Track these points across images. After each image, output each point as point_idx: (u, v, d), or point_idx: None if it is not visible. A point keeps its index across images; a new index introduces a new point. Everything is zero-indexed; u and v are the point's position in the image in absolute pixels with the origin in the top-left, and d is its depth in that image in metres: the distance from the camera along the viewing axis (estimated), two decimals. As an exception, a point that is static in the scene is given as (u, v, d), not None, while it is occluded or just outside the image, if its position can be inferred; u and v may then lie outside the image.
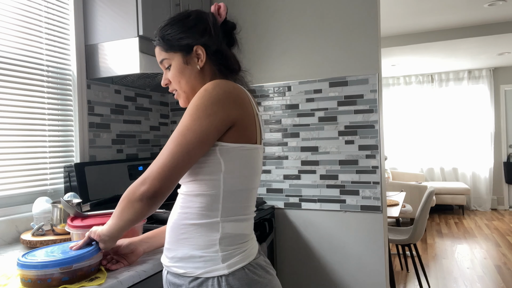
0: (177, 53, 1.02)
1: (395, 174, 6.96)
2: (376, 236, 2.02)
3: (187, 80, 1.03)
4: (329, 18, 2.11)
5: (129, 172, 1.94)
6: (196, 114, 0.88)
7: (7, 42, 1.53)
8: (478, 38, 4.90)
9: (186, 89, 1.04)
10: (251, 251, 0.96)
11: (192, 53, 1.01)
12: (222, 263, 0.91)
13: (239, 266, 0.92)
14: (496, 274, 3.70)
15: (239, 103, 0.93)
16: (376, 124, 2.02)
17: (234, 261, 0.92)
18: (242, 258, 0.93)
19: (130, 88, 2.15)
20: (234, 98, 0.92)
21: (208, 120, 0.88)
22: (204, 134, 0.88)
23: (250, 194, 0.99)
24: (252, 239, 1.00)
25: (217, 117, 0.89)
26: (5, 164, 1.52)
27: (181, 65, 1.02)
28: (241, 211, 0.96)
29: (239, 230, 0.95)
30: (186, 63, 1.02)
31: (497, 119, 7.00)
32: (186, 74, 1.02)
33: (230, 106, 0.91)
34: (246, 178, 0.96)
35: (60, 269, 0.97)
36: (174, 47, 1.02)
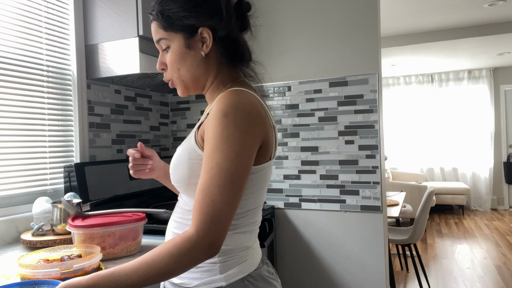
0: (178, 33, 0.86)
1: (395, 174, 6.96)
2: (376, 236, 2.02)
3: (188, 68, 0.88)
4: (329, 18, 2.11)
5: (129, 172, 1.94)
6: (233, 153, 0.75)
7: (7, 42, 1.53)
8: (478, 38, 4.90)
9: (185, 79, 0.89)
10: (252, 261, 0.89)
11: (196, 35, 0.86)
12: (220, 274, 0.85)
13: (238, 277, 0.85)
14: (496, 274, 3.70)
15: (262, 122, 0.81)
16: (376, 124, 2.02)
17: (232, 272, 0.85)
18: (241, 269, 0.86)
19: (130, 88, 2.15)
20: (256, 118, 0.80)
21: (247, 155, 0.77)
22: (248, 172, 0.77)
23: (258, 209, 0.91)
24: (254, 249, 0.91)
25: (251, 147, 0.78)
26: (5, 164, 1.52)
27: (182, 49, 0.87)
28: (245, 225, 0.88)
29: (240, 242, 0.87)
30: (188, 47, 0.87)
31: (497, 119, 7.00)
32: (187, 61, 0.87)
33: (257, 129, 0.79)
34: (257, 197, 0.88)
35: (60, 269, 0.97)
36: (175, 26, 0.86)
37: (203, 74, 0.89)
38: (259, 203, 0.91)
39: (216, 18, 0.85)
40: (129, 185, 1.91)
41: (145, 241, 1.46)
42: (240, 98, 0.79)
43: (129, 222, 1.27)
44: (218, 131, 0.76)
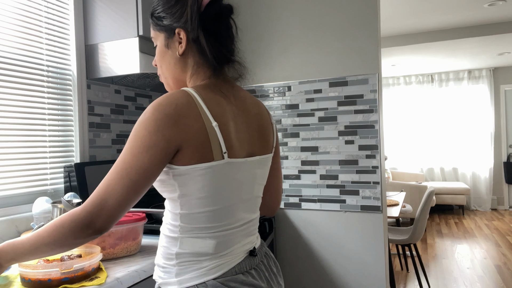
0: (161, 33, 0.93)
1: (395, 174, 6.96)
2: (376, 236, 2.02)
3: (167, 67, 0.94)
4: (329, 18, 2.11)
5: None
6: (136, 148, 0.78)
7: (7, 42, 1.53)
8: (478, 38, 4.90)
9: (167, 76, 0.96)
10: (214, 269, 0.86)
11: (174, 36, 0.91)
12: (175, 278, 0.86)
13: (191, 283, 0.84)
14: (496, 274, 3.70)
15: (181, 125, 0.80)
16: (376, 124, 2.02)
17: (187, 277, 0.85)
18: (197, 275, 0.85)
19: (130, 88, 2.15)
20: (175, 120, 0.80)
21: (149, 155, 0.78)
22: (148, 171, 0.78)
23: (221, 212, 0.87)
24: (222, 256, 0.87)
25: (157, 149, 0.78)
26: (5, 164, 1.52)
27: (162, 48, 0.94)
28: (201, 230, 0.86)
29: (196, 247, 0.86)
30: (167, 47, 0.93)
31: (497, 119, 7.01)
32: (166, 59, 0.94)
33: (170, 131, 0.79)
34: (209, 199, 0.85)
35: (60, 269, 0.97)
36: (159, 26, 0.93)
37: (180, 73, 0.94)
38: (216, 206, 0.86)
39: (183, 19, 0.89)
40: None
41: (145, 241, 1.46)
42: (167, 99, 0.81)
43: (129, 222, 1.27)
44: (135, 126, 0.82)
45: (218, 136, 0.83)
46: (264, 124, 0.99)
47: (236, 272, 0.87)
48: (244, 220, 0.93)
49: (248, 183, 0.92)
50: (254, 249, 0.95)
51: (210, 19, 0.90)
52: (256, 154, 0.94)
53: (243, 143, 0.90)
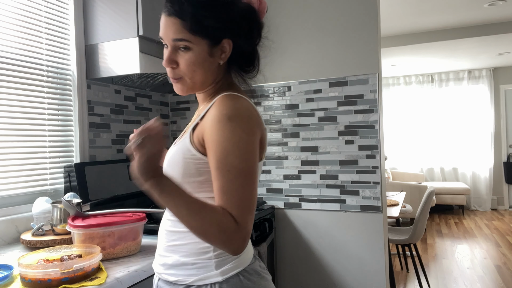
0: (204, 40, 0.86)
1: (395, 174, 6.96)
2: (376, 236, 2.02)
3: (203, 72, 0.89)
4: (329, 18, 2.11)
5: (129, 172, 1.94)
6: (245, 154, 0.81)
7: (7, 42, 1.53)
8: (478, 38, 4.90)
9: (197, 80, 0.90)
10: (246, 256, 0.92)
11: (219, 45, 0.88)
12: (216, 270, 0.87)
13: (233, 272, 0.88)
14: (496, 274, 3.70)
15: (260, 124, 0.88)
16: (376, 124, 2.02)
17: (227, 267, 0.88)
18: (236, 264, 0.89)
19: (130, 88, 2.15)
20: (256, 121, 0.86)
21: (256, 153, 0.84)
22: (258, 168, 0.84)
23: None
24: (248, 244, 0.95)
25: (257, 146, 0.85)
26: (5, 164, 1.52)
27: (204, 55, 0.87)
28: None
29: None
30: (210, 55, 0.88)
31: (497, 119, 7.00)
32: (205, 66, 0.88)
33: (258, 130, 0.86)
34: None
35: (60, 269, 0.97)
36: (205, 33, 0.85)
37: (213, 78, 0.92)
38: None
39: (243, 35, 0.89)
40: (129, 185, 1.91)
41: (145, 241, 1.46)
42: (239, 102, 0.85)
43: (129, 222, 1.27)
44: (226, 135, 0.80)
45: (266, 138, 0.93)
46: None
47: (254, 258, 0.95)
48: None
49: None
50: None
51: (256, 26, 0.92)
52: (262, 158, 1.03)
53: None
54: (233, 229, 0.77)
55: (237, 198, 0.79)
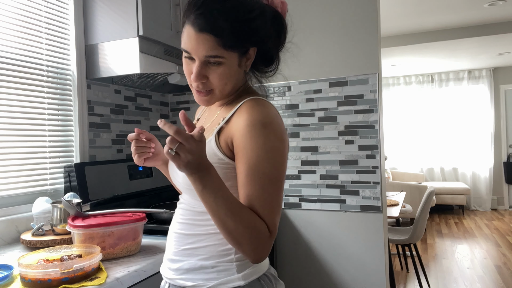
0: (234, 52, 0.84)
1: (395, 174, 6.96)
2: (376, 236, 2.02)
3: (234, 84, 0.89)
4: (329, 18, 2.11)
5: (129, 172, 1.94)
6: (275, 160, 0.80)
7: (7, 42, 1.53)
8: (478, 38, 4.90)
9: (226, 91, 0.88)
10: (265, 261, 0.91)
11: (247, 54, 0.87)
12: (238, 274, 0.84)
13: (255, 277, 0.86)
14: (496, 274, 3.70)
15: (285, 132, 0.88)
16: (376, 124, 2.02)
17: (249, 271, 0.85)
18: (256, 269, 0.87)
19: (130, 88, 2.15)
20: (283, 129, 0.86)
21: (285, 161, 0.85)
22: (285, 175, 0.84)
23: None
24: None
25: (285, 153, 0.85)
26: (5, 164, 1.52)
27: (235, 68, 0.86)
28: None
29: None
30: (239, 66, 0.87)
31: (497, 119, 7.00)
32: (235, 77, 0.88)
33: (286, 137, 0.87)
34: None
35: (60, 269, 0.97)
36: (238, 47, 0.84)
37: (237, 84, 0.91)
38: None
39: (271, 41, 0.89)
40: (129, 185, 1.91)
41: (145, 241, 1.46)
42: (269, 108, 0.85)
43: (129, 222, 1.27)
44: (260, 142, 0.79)
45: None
46: None
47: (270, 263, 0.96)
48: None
49: None
50: None
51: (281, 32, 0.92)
52: None
53: None
54: (267, 235, 0.77)
55: (268, 206, 0.79)
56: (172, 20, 1.89)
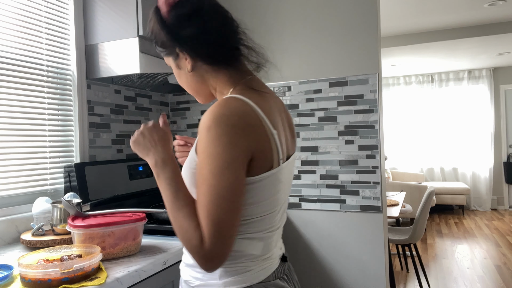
0: (168, 57, 0.92)
1: (395, 174, 6.96)
2: (376, 236, 2.02)
3: (186, 85, 0.94)
4: (329, 18, 2.11)
5: (129, 172, 1.94)
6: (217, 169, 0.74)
7: (7, 42, 1.53)
8: (478, 38, 4.90)
9: (190, 92, 0.95)
10: (258, 272, 0.85)
11: (179, 55, 0.89)
12: (219, 280, 0.83)
13: (238, 286, 0.82)
14: (496, 274, 3.70)
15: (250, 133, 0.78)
16: (376, 124, 2.02)
17: (231, 280, 0.82)
18: (244, 278, 0.83)
19: (130, 88, 2.15)
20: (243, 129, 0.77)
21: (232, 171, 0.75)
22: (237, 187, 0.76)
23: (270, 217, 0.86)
24: (265, 259, 0.87)
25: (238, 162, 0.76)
26: (5, 164, 1.52)
27: (176, 70, 0.94)
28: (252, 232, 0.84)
29: (245, 248, 0.84)
30: (179, 67, 0.92)
31: (497, 119, 7.00)
32: (183, 79, 0.93)
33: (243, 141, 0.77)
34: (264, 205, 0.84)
35: (60, 269, 0.97)
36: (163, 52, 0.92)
37: (200, 85, 0.92)
38: (269, 211, 0.85)
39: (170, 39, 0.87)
40: (129, 185, 1.91)
41: (145, 241, 1.46)
42: (226, 108, 0.77)
43: (129, 222, 1.27)
44: (203, 146, 0.77)
45: (277, 143, 0.83)
46: (291, 121, 0.99)
47: (275, 277, 0.87)
48: (280, 222, 0.92)
49: (289, 183, 0.93)
50: (285, 255, 0.96)
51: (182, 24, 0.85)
52: (291, 153, 0.94)
53: (285, 143, 0.89)
54: (196, 245, 0.74)
55: (206, 215, 0.74)
56: (172, 20, 1.89)
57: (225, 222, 0.74)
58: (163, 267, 1.26)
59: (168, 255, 1.29)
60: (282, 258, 0.94)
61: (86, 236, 1.21)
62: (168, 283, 1.32)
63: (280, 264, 0.92)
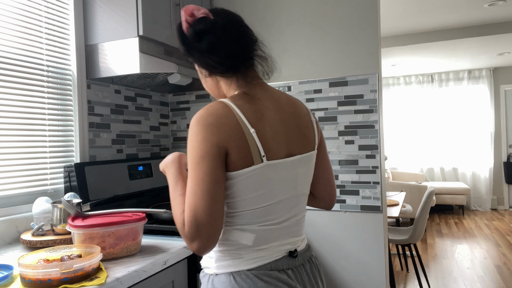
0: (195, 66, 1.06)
1: (395, 174, 6.96)
2: (376, 236, 2.02)
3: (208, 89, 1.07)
4: (329, 18, 2.11)
5: (129, 172, 1.94)
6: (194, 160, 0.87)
7: (7, 42, 1.53)
8: (478, 38, 4.90)
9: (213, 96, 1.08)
10: (249, 261, 0.92)
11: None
12: (215, 263, 0.95)
13: (226, 270, 0.92)
14: (496, 274, 3.70)
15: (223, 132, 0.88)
16: (376, 124, 2.02)
17: (223, 264, 0.93)
18: (234, 263, 0.92)
19: (130, 88, 2.15)
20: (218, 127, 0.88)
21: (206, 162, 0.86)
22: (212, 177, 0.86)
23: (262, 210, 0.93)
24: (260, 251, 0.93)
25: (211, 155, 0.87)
26: (5, 164, 1.52)
27: (200, 76, 1.07)
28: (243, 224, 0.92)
29: (237, 238, 0.93)
30: (201, 73, 1.05)
31: (497, 119, 7.00)
32: (204, 84, 1.07)
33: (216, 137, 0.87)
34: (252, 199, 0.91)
35: (60, 269, 0.97)
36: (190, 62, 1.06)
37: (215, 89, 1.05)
38: (258, 206, 0.92)
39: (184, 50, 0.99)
40: (129, 185, 1.91)
41: (145, 241, 1.46)
42: (206, 110, 0.90)
43: (129, 222, 1.27)
44: (187, 142, 0.91)
45: (256, 141, 0.90)
46: (303, 122, 1.02)
47: (272, 268, 0.93)
48: (283, 217, 0.97)
49: (290, 182, 0.97)
50: (295, 250, 0.99)
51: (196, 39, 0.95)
52: (296, 153, 0.98)
53: (281, 144, 0.95)
54: (180, 228, 0.88)
55: (187, 202, 0.87)
56: (172, 20, 1.89)
57: (200, 208, 0.84)
58: (163, 267, 1.26)
59: (168, 255, 1.29)
60: (290, 253, 0.97)
61: (86, 236, 1.21)
62: (168, 283, 1.32)
63: (285, 258, 0.96)
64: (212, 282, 0.94)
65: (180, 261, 1.38)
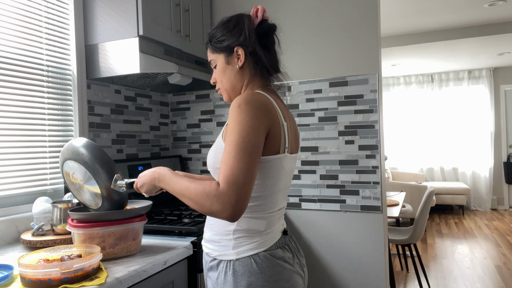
0: (220, 54, 1.14)
1: (395, 174, 6.96)
2: (376, 236, 2.02)
3: (228, 79, 1.15)
4: (329, 18, 2.11)
5: (129, 172, 1.94)
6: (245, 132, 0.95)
7: (7, 42, 1.53)
8: (478, 38, 4.90)
9: (227, 87, 1.16)
10: (263, 243, 1.06)
11: (233, 53, 1.13)
12: (233, 250, 1.06)
13: (246, 254, 1.04)
14: (496, 274, 3.70)
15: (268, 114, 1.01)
16: (376, 124, 2.02)
17: (242, 249, 1.05)
18: (250, 247, 1.05)
19: (130, 88, 2.15)
20: (265, 111, 1.01)
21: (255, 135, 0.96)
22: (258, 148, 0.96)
23: (271, 197, 1.08)
24: (268, 233, 1.08)
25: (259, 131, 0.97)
26: (5, 164, 1.52)
27: (223, 65, 1.15)
28: (257, 212, 1.07)
29: (251, 225, 1.06)
30: (227, 63, 1.14)
31: (497, 119, 7.01)
32: (227, 73, 1.15)
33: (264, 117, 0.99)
34: (266, 185, 1.06)
35: (60, 269, 0.97)
36: (218, 48, 1.15)
37: (238, 83, 1.15)
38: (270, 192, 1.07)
39: (242, 37, 1.11)
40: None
41: (145, 241, 1.46)
42: (251, 95, 1.02)
43: (129, 222, 1.27)
44: (233, 118, 0.98)
45: (286, 133, 1.07)
46: (297, 128, 1.22)
47: (277, 247, 1.09)
48: (280, 206, 1.14)
49: (290, 175, 1.15)
50: (286, 229, 1.17)
51: (262, 35, 1.15)
52: (294, 152, 1.16)
53: (292, 141, 1.13)
54: (214, 193, 0.92)
55: (227, 168, 0.93)
56: (172, 20, 1.89)
57: (240, 173, 0.92)
58: (163, 267, 1.26)
59: (168, 255, 1.29)
60: (284, 232, 1.15)
61: (86, 236, 1.21)
62: (168, 283, 1.32)
63: (282, 236, 1.13)
64: (232, 266, 1.04)
65: (180, 261, 1.38)
